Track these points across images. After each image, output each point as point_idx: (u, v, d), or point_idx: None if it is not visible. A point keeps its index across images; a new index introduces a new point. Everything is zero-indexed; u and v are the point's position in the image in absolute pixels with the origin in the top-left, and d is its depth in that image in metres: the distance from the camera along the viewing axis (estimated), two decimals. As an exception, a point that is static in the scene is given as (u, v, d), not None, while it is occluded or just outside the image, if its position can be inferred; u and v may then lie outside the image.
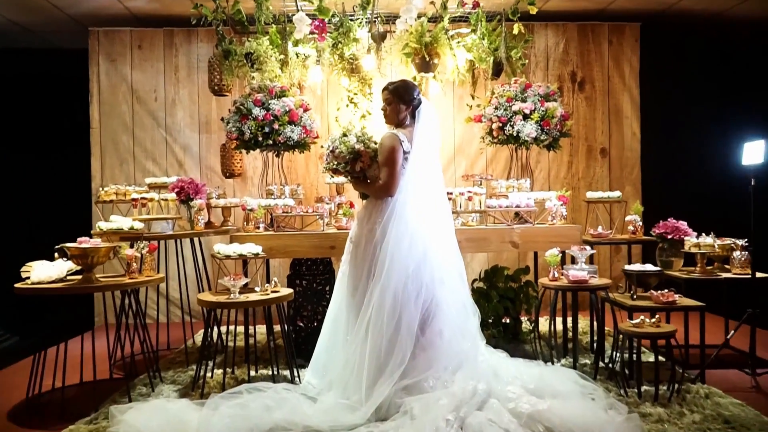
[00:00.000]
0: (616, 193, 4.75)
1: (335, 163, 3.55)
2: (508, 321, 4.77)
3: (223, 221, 4.74)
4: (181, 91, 6.52)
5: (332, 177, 3.87)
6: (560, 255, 3.95)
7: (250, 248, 3.81)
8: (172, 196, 4.25)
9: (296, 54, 5.25)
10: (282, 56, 5.17)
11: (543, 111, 4.76)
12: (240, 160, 5.88)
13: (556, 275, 3.91)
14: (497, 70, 5.39)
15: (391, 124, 3.68)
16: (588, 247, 3.97)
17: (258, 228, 4.33)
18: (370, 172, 3.57)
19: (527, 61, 5.52)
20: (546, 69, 6.71)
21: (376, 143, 3.62)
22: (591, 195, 4.83)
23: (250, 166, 6.40)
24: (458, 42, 5.45)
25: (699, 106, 6.95)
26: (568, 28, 6.71)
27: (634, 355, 3.63)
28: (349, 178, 3.63)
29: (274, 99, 4.81)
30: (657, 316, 3.51)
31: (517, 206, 4.26)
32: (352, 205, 4.56)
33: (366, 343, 3.20)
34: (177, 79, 6.53)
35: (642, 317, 3.48)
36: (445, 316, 3.31)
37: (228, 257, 3.73)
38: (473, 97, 5.75)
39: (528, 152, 5.15)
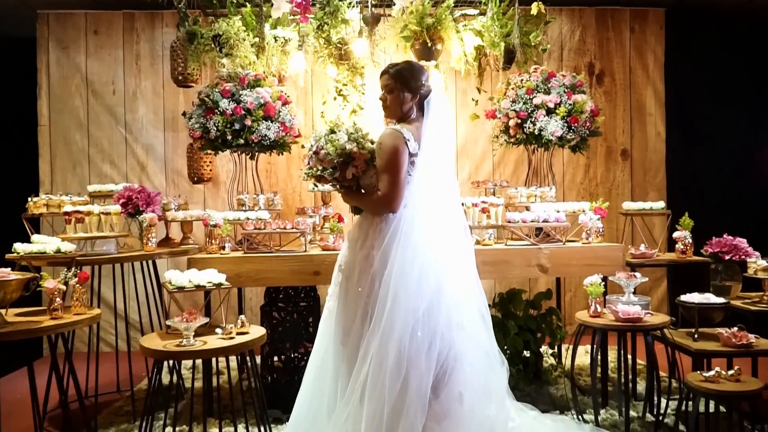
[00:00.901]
0: (660, 204, 3.96)
1: (320, 168, 2.73)
2: (528, 354, 3.97)
3: (183, 238, 3.90)
4: (144, 82, 5.66)
5: (315, 186, 3.01)
6: (603, 284, 3.13)
7: (210, 276, 2.98)
8: (117, 208, 3.40)
9: (274, 37, 4.43)
10: (257, 40, 4.34)
11: (570, 105, 3.96)
12: (210, 162, 5.02)
13: (599, 309, 3.10)
14: (509, 59, 4.61)
15: (393, 118, 2.87)
16: (638, 275, 3.17)
17: (223, 248, 3.49)
18: (366, 179, 2.76)
19: (548, 46, 4.70)
20: (560, 60, 5.92)
21: (372, 143, 2.81)
22: (629, 206, 4.03)
23: (223, 170, 5.55)
24: (464, 25, 4.65)
25: (732, 102, 6.18)
26: (585, 13, 5.93)
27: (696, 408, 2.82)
28: (338, 187, 2.81)
29: (246, 90, 3.97)
30: (736, 367, 2.72)
31: (545, 221, 3.45)
32: (341, 219, 3.74)
33: (361, 412, 2.37)
34: (139, 69, 5.66)
35: (717, 369, 2.69)
36: (465, 373, 2.49)
37: (181, 289, 2.89)
38: (479, 91, 4.97)
39: (550, 154, 4.35)
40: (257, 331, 2.98)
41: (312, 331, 3.54)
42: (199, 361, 3.88)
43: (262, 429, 3.00)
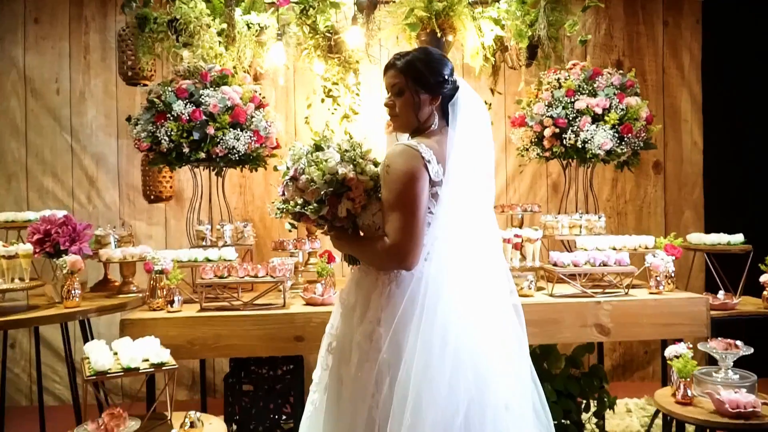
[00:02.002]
0: (738, 237, 3.11)
1: (299, 201, 1.86)
2: (567, 423, 3.13)
3: (123, 284, 2.99)
4: (93, 80, 4.74)
5: (293, 226, 2.10)
6: (692, 356, 2.28)
7: (149, 350, 2.09)
8: (27, 249, 2.49)
9: (247, 24, 3.56)
10: (226, 27, 3.46)
11: (622, 110, 3.13)
12: (170, 177, 4.10)
13: (690, 394, 2.25)
14: (531, 53, 3.79)
15: (404, 130, 2.03)
16: (739, 343, 2.32)
17: (172, 303, 2.59)
18: (366, 218, 1.91)
19: (589, 36, 3.83)
20: (583, 56, 5.09)
21: (376, 164, 1.96)
22: (700, 239, 3.17)
23: (189, 184, 4.64)
24: (480, 12, 3.81)
25: None
26: (612, 3, 5.11)
27: None
28: (326, 229, 1.94)
29: (209, 89, 3.10)
30: None
31: (603, 263, 2.60)
32: (331, 258, 2.87)
33: None
34: (87, 65, 4.74)
35: None
36: None
37: (105, 374, 2.00)
38: (493, 92, 4.17)
39: (591, 172, 3.51)
40: (216, 427, 2.10)
41: (291, 413, 2.66)
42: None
43: None
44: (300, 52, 3.76)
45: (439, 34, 3.61)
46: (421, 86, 1.94)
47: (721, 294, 2.95)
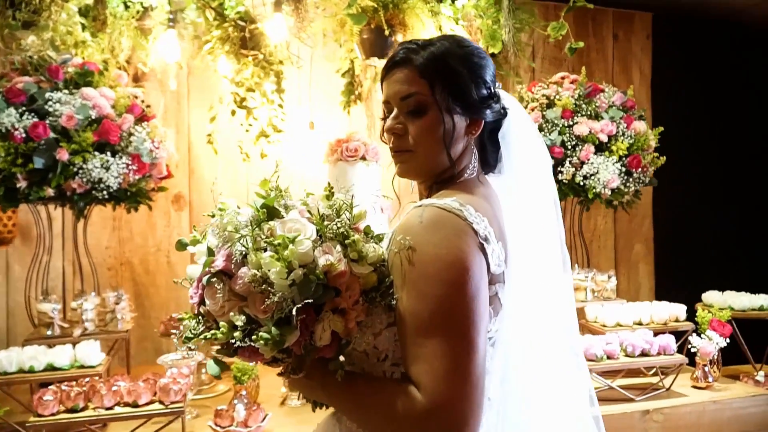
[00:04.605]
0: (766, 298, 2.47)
1: (237, 322, 0.92)
2: None
3: None
4: None
5: (223, 369, 1.09)
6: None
7: None
8: None
9: (125, 3, 2.53)
10: (92, 3, 2.43)
11: (631, 138, 2.43)
12: (12, 214, 2.91)
13: None
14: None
15: (419, 173, 1.16)
16: None
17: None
18: (363, 341, 1.01)
19: (581, 44, 3.10)
20: (530, 71, 4.46)
21: (379, 239, 1.04)
22: (737, 301, 2.45)
23: (43, 217, 3.45)
24: (431, 9, 3.02)
25: (732, 131, 4.96)
26: (562, 11, 4.51)
27: None
28: (289, 368, 1.00)
29: (62, 91, 2.04)
30: None
31: (644, 353, 1.86)
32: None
33: None
34: None
35: None
36: None
37: None
38: None
39: (580, 212, 2.79)
40: None
41: None
42: None
43: None
44: (199, 47, 2.78)
45: (386, 32, 2.78)
46: (458, 101, 1.08)
47: (761, 376, 2.30)
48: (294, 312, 0.88)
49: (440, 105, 1.07)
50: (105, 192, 2.04)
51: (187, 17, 2.69)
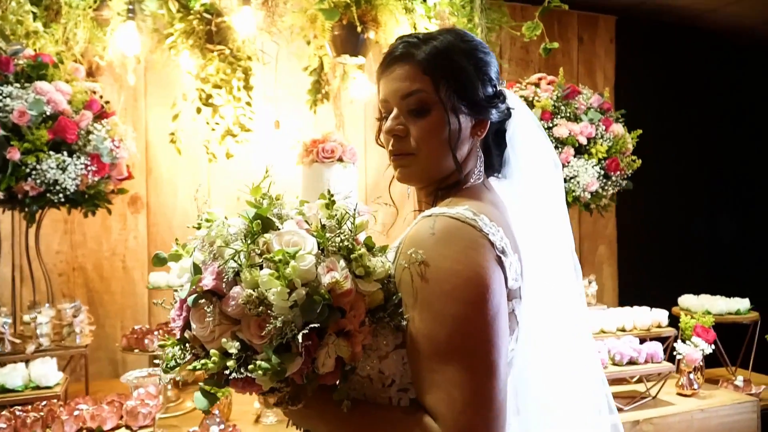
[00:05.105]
0: (746, 303, 2.47)
1: (230, 349, 0.81)
2: None
3: None
4: None
5: (212, 400, 0.96)
6: None
7: None
8: None
9: (80, -8, 2.37)
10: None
11: (610, 140, 2.40)
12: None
13: None
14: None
15: (421, 178, 1.07)
16: None
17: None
18: (368, 365, 0.91)
19: (556, 45, 3.06)
20: (502, 72, 4.42)
21: (382, 250, 0.94)
22: (690, 301, 2.43)
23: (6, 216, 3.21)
24: (405, 6, 2.94)
25: (693, 134, 5.04)
26: (529, 12, 4.50)
27: None
28: (288, 398, 0.89)
29: (12, 84, 1.88)
30: None
31: (632, 362, 1.82)
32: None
33: None
34: None
35: None
36: None
37: None
38: None
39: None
40: None
41: None
42: None
43: None
44: (162, 40, 2.62)
45: (359, 29, 2.69)
46: (464, 100, 1.00)
47: (740, 380, 2.30)
48: (300, 338, 0.78)
49: (445, 104, 0.99)
50: (61, 195, 1.88)
51: (147, 8, 2.53)
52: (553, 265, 1.04)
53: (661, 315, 2.22)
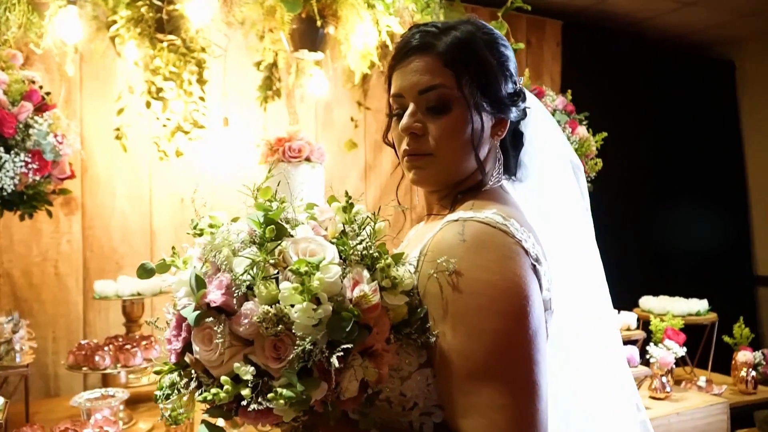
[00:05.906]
0: (704, 304, 2.51)
1: (245, 375, 0.69)
2: None
3: None
4: None
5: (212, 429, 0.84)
6: None
7: None
8: None
9: (13, -29, 2.15)
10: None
11: (576, 143, 2.40)
12: None
13: None
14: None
15: (439, 180, 0.97)
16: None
17: None
18: (391, 387, 0.80)
19: (521, 45, 3.04)
20: (449, 73, 4.40)
21: (397, 260, 0.85)
22: (651, 303, 2.46)
23: None
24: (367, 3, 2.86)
25: (637, 138, 5.15)
26: (482, 15, 4.48)
27: None
28: (301, 428, 0.77)
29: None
30: None
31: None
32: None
33: None
34: None
35: None
36: None
37: None
38: (361, 106, 3.34)
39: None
40: None
41: None
42: None
43: None
44: (98, 28, 2.42)
45: (318, 23, 2.59)
46: (486, 97, 0.92)
47: (703, 380, 2.33)
48: (335, 360, 0.67)
49: (468, 101, 0.90)
50: (-4, 195, 1.68)
51: (90, -7, 2.33)
52: (580, 274, 0.97)
53: (630, 318, 2.23)
